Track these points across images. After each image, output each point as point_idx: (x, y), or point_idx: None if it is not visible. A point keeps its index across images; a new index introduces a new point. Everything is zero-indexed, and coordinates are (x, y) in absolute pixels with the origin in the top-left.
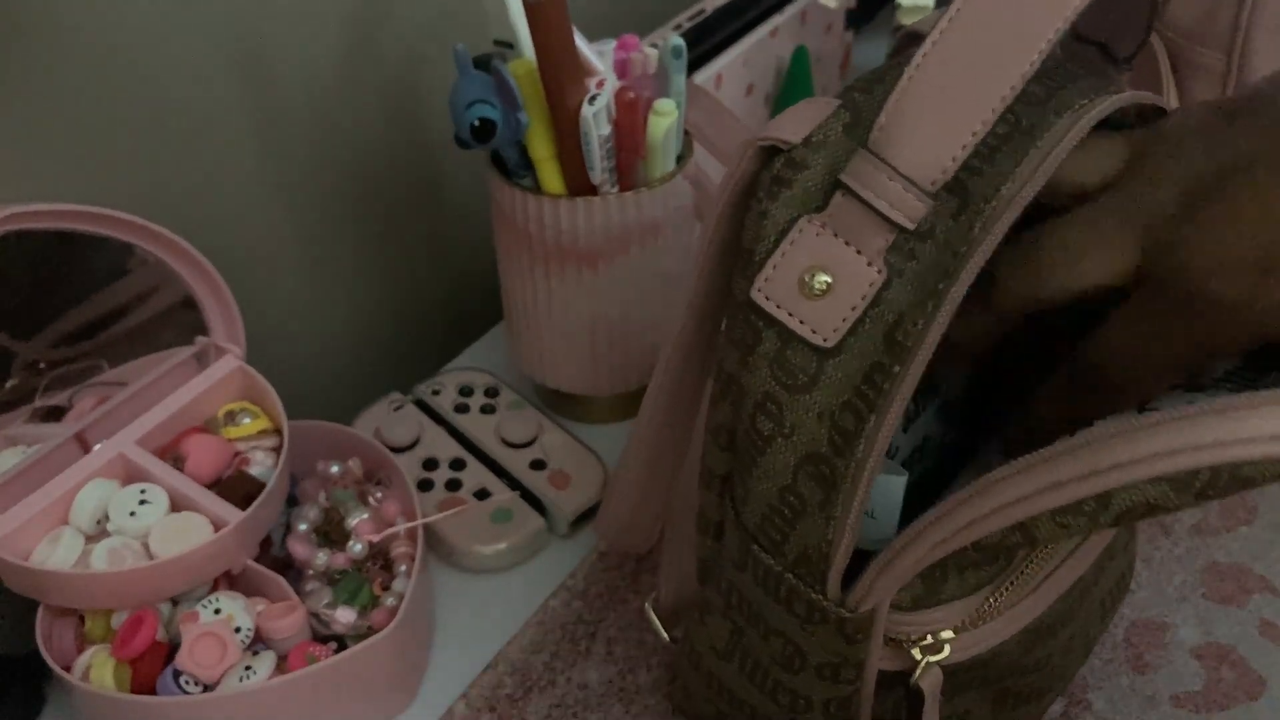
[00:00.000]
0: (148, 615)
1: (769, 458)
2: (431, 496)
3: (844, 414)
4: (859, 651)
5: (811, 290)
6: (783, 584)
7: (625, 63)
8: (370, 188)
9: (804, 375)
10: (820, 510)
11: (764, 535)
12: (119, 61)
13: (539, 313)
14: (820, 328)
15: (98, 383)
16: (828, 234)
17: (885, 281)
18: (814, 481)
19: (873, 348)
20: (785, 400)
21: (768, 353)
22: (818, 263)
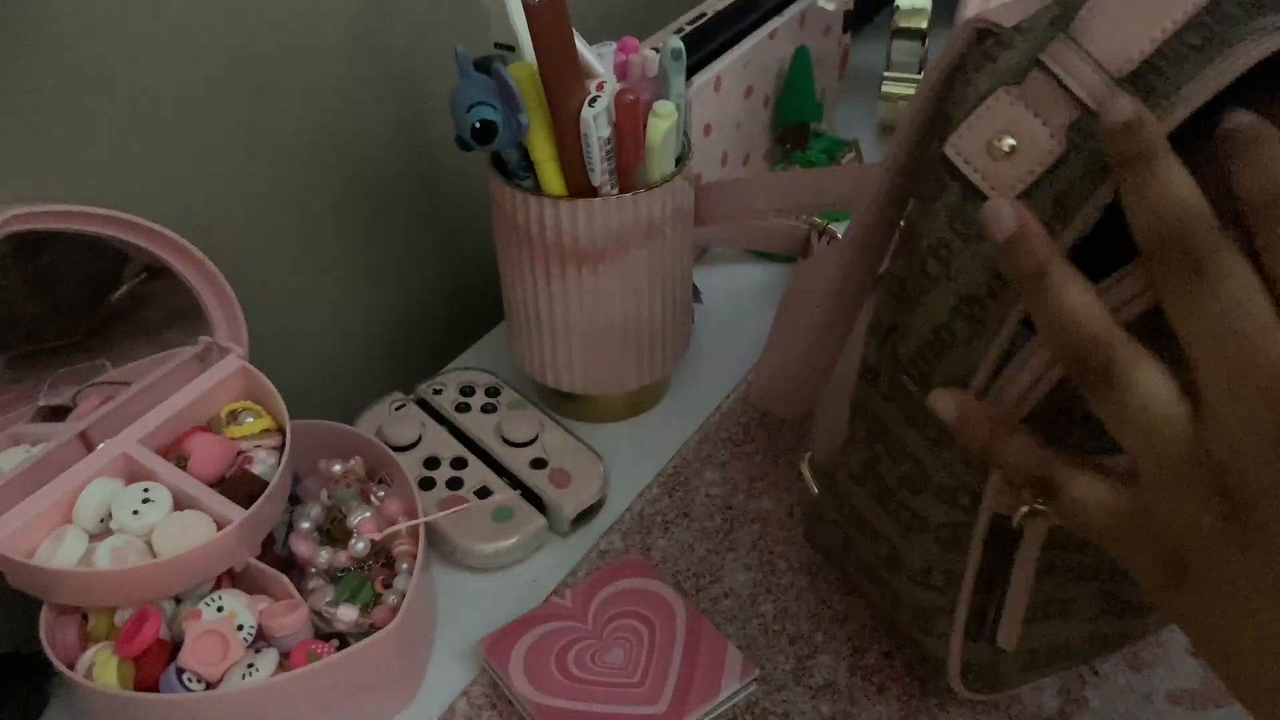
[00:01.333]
0: (151, 613)
1: (931, 297)
2: (433, 495)
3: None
4: (976, 478)
5: (998, 152)
6: (919, 406)
7: (625, 65)
8: (372, 188)
9: (977, 226)
10: (967, 344)
11: (914, 367)
12: (121, 63)
13: (539, 313)
14: (999, 185)
15: (101, 382)
16: (1020, 104)
17: (1063, 154)
18: (965, 320)
19: (1041, 209)
20: (956, 247)
21: (949, 203)
22: (1007, 128)
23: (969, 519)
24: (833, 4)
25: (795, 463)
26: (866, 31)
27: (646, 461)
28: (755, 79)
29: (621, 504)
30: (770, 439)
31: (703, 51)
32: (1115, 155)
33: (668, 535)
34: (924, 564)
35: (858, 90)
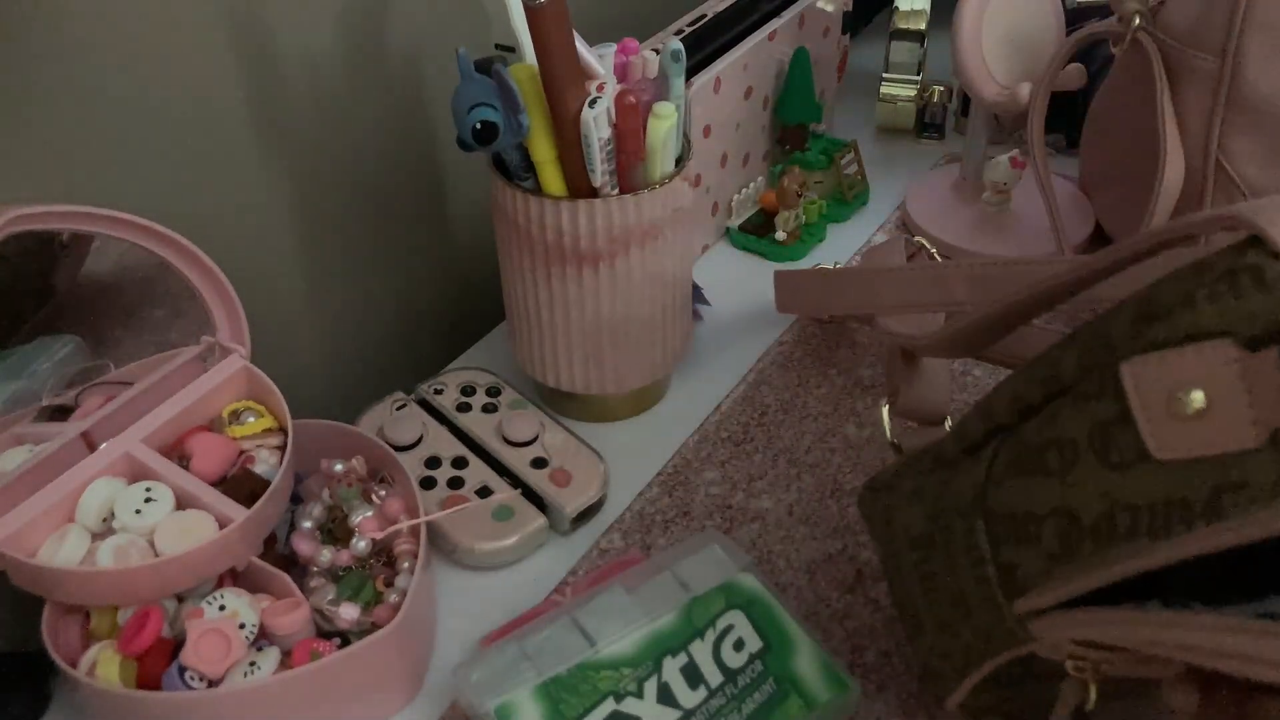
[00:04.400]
0: (153, 612)
1: (1038, 484)
2: (434, 494)
3: (1124, 513)
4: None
5: (1180, 406)
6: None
7: (625, 66)
8: (373, 189)
9: (1116, 456)
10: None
11: (990, 529)
12: (122, 63)
13: (540, 313)
14: (1165, 442)
15: (104, 382)
16: (1236, 373)
17: (1254, 451)
18: (1058, 536)
19: (1192, 489)
20: (1086, 460)
21: (1099, 415)
22: (1205, 386)
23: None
24: (832, 5)
25: (794, 462)
26: (865, 33)
27: (646, 461)
28: (755, 80)
29: (621, 503)
30: (770, 439)
31: (702, 53)
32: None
33: (668, 534)
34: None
35: (857, 91)
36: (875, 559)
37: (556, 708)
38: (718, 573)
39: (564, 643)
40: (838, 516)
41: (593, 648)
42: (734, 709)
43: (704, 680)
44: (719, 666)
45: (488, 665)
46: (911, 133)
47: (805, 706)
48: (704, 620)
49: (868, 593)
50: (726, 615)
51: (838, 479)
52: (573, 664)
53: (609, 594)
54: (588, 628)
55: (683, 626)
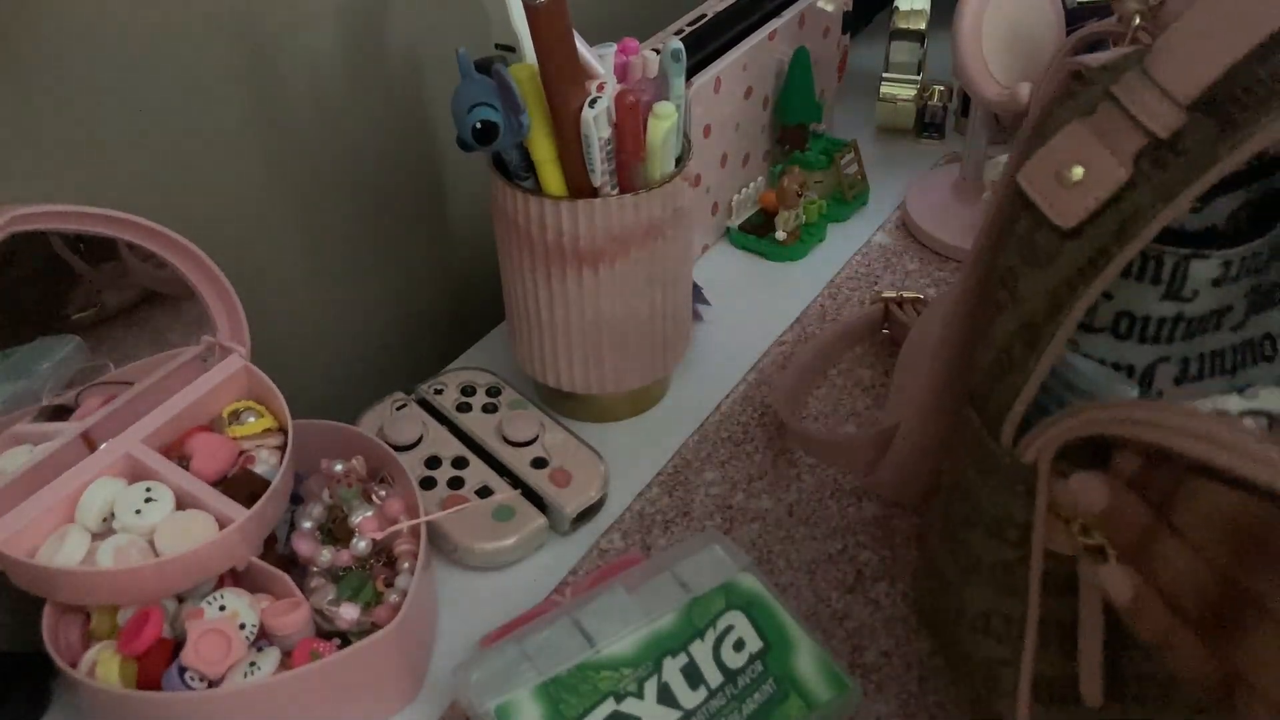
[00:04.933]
0: (153, 612)
1: (998, 325)
2: (434, 494)
3: (1064, 288)
4: (1021, 509)
5: (1067, 181)
6: (974, 435)
7: (625, 66)
8: (373, 189)
9: (1043, 253)
10: (1019, 367)
11: (978, 396)
12: (123, 63)
13: (540, 313)
14: (1065, 213)
15: (104, 382)
16: (1090, 134)
17: (1129, 181)
18: (1023, 344)
19: (1104, 235)
20: (1023, 273)
21: (1020, 232)
22: (1076, 157)
23: (1020, 555)
24: (832, 5)
25: (794, 462)
26: (865, 33)
27: (646, 461)
28: (755, 80)
29: (621, 503)
30: (770, 439)
31: (703, 53)
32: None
33: (668, 534)
34: (983, 609)
35: (857, 91)
36: (875, 559)
37: (556, 708)
38: (718, 573)
39: (564, 643)
40: (838, 516)
41: (593, 648)
42: (734, 709)
43: (704, 680)
44: (719, 667)
45: (488, 665)
46: (911, 133)
47: (805, 706)
48: (704, 620)
49: (868, 593)
50: (726, 615)
51: (838, 479)
52: (573, 664)
53: (609, 594)
54: (588, 628)
55: (683, 627)
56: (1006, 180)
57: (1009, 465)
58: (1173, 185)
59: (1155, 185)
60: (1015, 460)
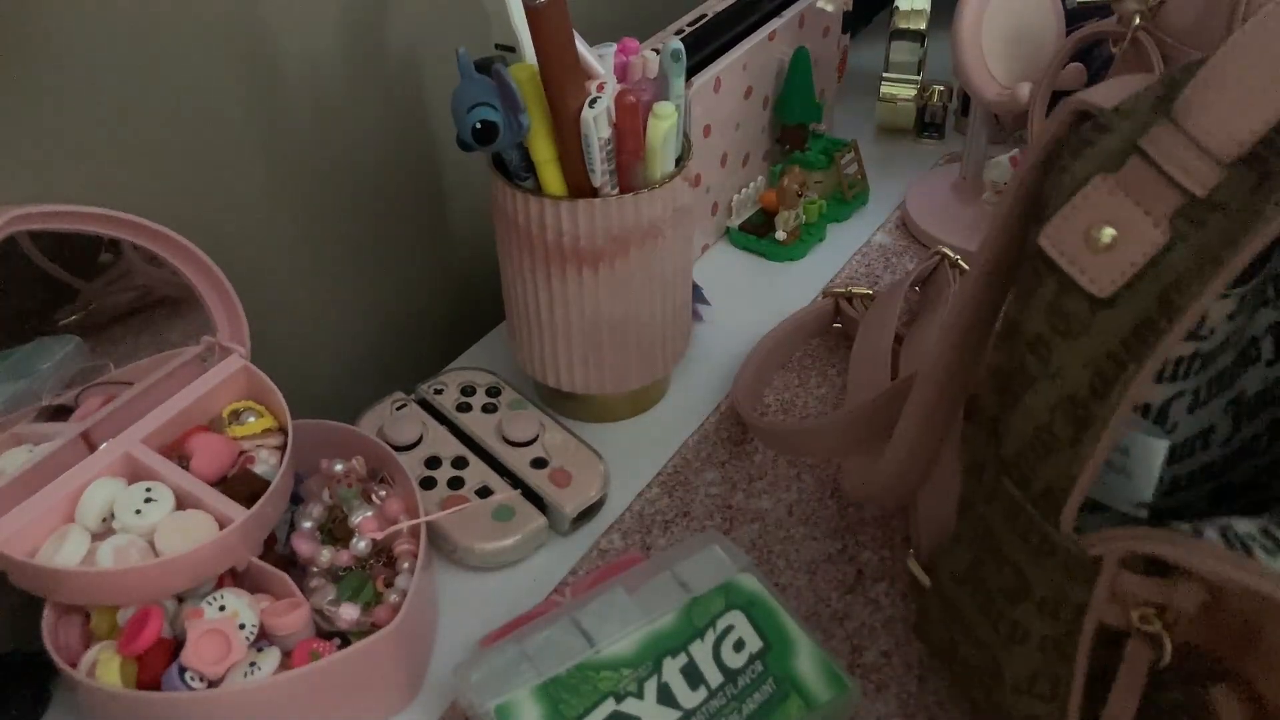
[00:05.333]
0: (153, 612)
1: (1031, 396)
2: (434, 494)
3: (1107, 362)
4: (1080, 593)
5: (1096, 244)
6: (1022, 514)
7: (625, 66)
8: (373, 189)
9: (1076, 322)
10: (1070, 447)
11: (1016, 470)
12: (124, 64)
13: (540, 313)
14: (1098, 279)
15: (103, 382)
16: (1119, 193)
17: (1168, 244)
18: (1068, 422)
19: (1145, 304)
20: (1055, 344)
21: (1045, 297)
22: (1105, 218)
23: (1073, 629)
24: (831, 5)
25: (794, 462)
26: (865, 33)
27: (646, 461)
28: (755, 80)
29: (621, 503)
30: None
31: (703, 53)
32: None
33: (668, 535)
34: (1028, 673)
35: (857, 91)
36: (875, 559)
37: (556, 708)
38: (718, 573)
39: (564, 643)
40: (838, 517)
41: (593, 648)
42: (734, 709)
43: (704, 680)
44: (719, 667)
45: (488, 665)
46: (911, 133)
47: (805, 707)
48: (704, 620)
49: (868, 593)
50: (726, 615)
51: (838, 479)
52: (573, 664)
53: (609, 594)
54: (588, 628)
55: (683, 627)
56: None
57: (1070, 554)
58: (1215, 244)
59: (1195, 245)
60: (1080, 552)
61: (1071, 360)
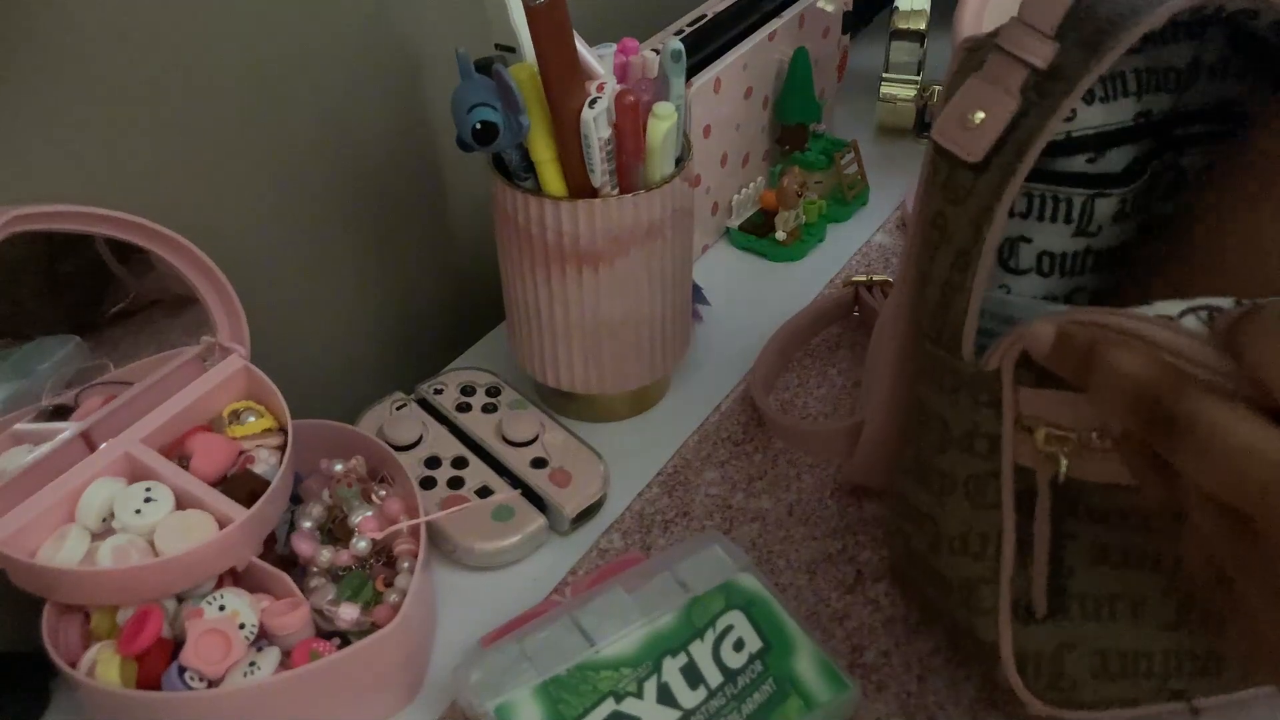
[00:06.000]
0: (153, 612)
1: (936, 263)
2: (434, 494)
3: (983, 213)
4: (990, 420)
5: (970, 124)
6: (937, 363)
7: (625, 66)
8: (373, 189)
9: (961, 190)
10: (959, 291)
11: (931, 329)
12: (124, 64)
13: (540, 313)
14: (974, 150)
15: (103, 382)
16: (984, 83)
17: (1021, 109)
18: (959, 271)
19: (1008, 159)
20: (949, 213)
21: (940, 180)
22: (976, 104)
23: (991, 468)
24: (831, 5)
25: (794, 462)
26: (865, 33)
27: (646, 461)
28: (755, 80)
29: (621, 503)
30: (770, 439)
31: (703, 53)
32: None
33: (668, 534)
34: (960, 529)
35: (857, 91)
36: (875, 559)
37: (556, 708)
38: (718, 573)
39: (564, 643)
40: (838, 516)
41: (593, 648)
42: (734, 709)
43: (704, 680)
44: (719, 667)
45: (488, 665)
46: (911, 133)
47: (805, 706)
48: (704, 620)
49: (867, 593)
50: (726, 615)
51: (837, 479)
52: (573, 664)
53: (609, 594)
54: (588, 628)
55: (682, 627)
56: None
57: (973, 376)
58: (1053, 101)
59: (1043, 109)
60: (980, 371)
61: (960, 222)
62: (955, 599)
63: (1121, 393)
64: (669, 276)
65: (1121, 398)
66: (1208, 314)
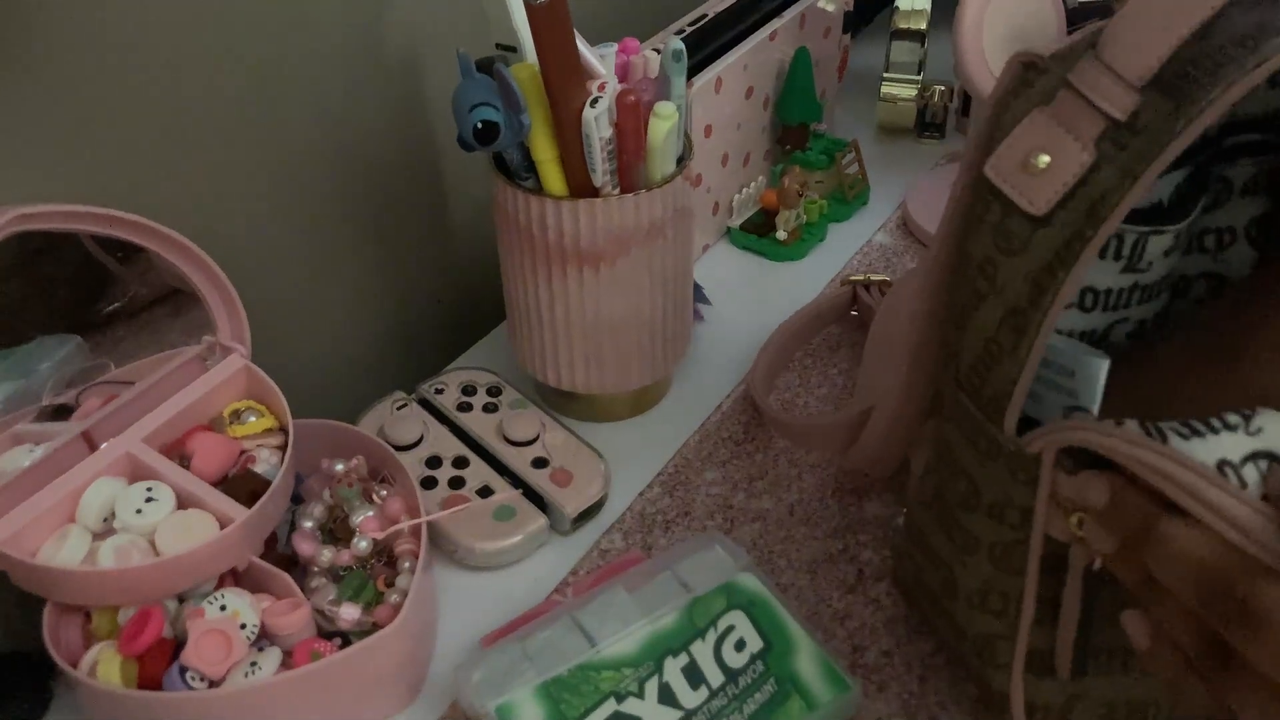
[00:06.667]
0: (154, 612)
1: (981, 313)
2: (435, 494)
3: (1044, 273)
4: (1024, 495)
5: (1033, 169)
6: (973, 422)
7: (626, 66)
8: (374, 189)
9: (1017, 240)
10: (1011, 354)
11: (969, 383)
12: (125, 64)
13: (541, 312)
14: (1036, 200)
15: (104, 381)
16: (1052, 123)
17: (1094, 164)
18: (1010, 330)
19: (1076, 219)
20: (1000, 263)
21: (991, 221)
22: (1041, 145)
23: (1020, 537)
24: (832, 5)
25: (794, 462)
26: (866, 33)
27: (647, 461)
28: (756, 80)
29: (622, 503)
30: (770, 439)
31: (704, 53)
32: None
33: (668, 534)
34: (980, 586)
35: (857, 91)
36: (876, 559)
37: (557, 708)
38: (718, 573)
39: (565, 643)
40: (838, 516)
41: (594, 648)
42: (735, 709)
43: (705, 680)
44: (720, 666)
45: (489, 665)
46: (912, 132)
47: (806, 706)
48: (705, 620)
49: (868, 593)
50: (727, 615)
51: (838, 479)
52: (574, 664)
53: (610, 594)
54: (589, 628)
55: (684, 626)
56: (969, 169)
57: (1013, 454)
58: (1134, 163)
59: (1119, 166)
60: (1020, 451)
61: (1013, 276)
62: (969, 647)
63: (1185, 572)
64: (670, 276)
65: (1184, 577)
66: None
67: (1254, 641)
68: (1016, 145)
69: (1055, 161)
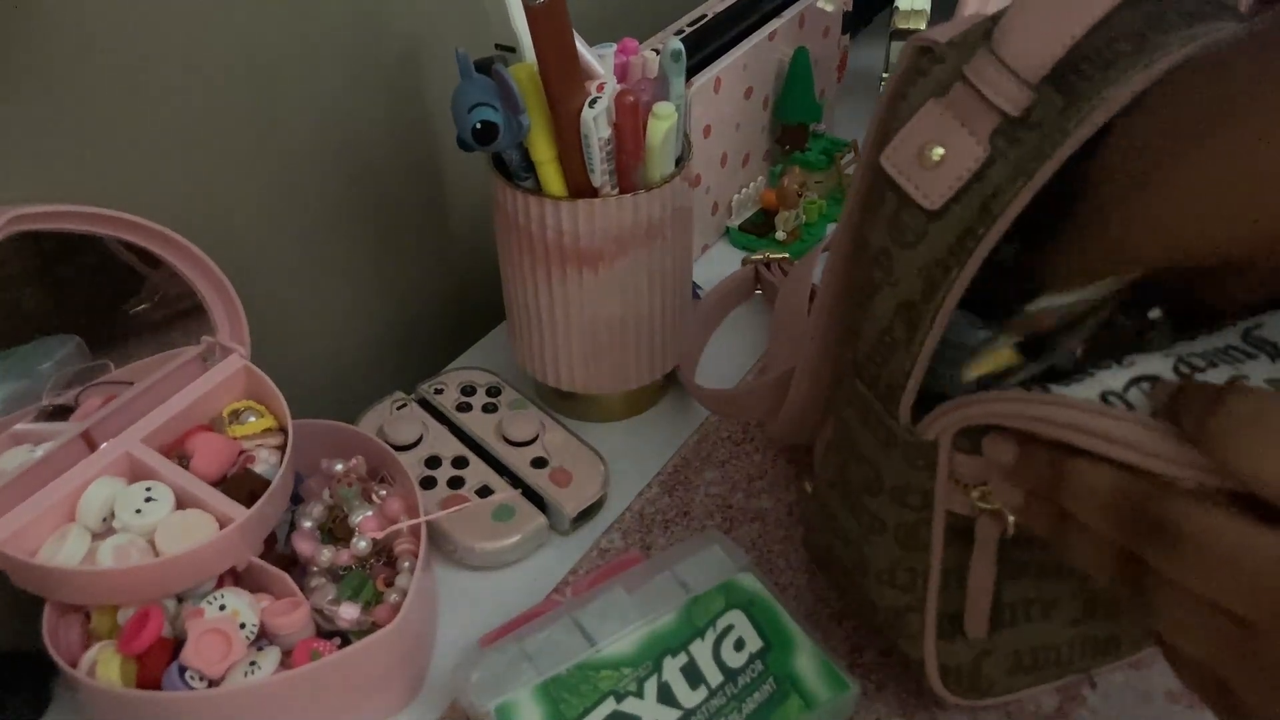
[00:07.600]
0: (153, 611)
1: (876, 303)
2: (434, 494)
3: (936, 268)
4: (923, 479)
5: (928, 161)
6: (872, 412)
7: (625, 66)
8: (373, 189)
9: (912, 233)
10: (905, 346)
11: (866, 371)
12: (125, 64)
13: (540, 313)
14: (930, 194)
15: (104, 382)
16: (948, 115)
17: (988, 159)
18: (904, 324)
19: (968, 214)
20: (895, 254)
21: (886, 213)
22: (936, 138)
23: (924, 517)
24: (831, 5)
25: (794, 461)
26: (865, 33)
27: (646, 461)
28: (755, 80)
29: (622, 503)
30: (769, 438)
31: (703, 53)
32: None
33: (668, 534)
34: (888, 564)
35: (857, 91)
36: None
37: (557, 708)
38: (718, 572)
39: (564, 643)
40: None
41: (593, 647)
42: (734, 709)
43: (704, 680)
44: (719, 666)
45: (488, 665)
46: None
47: (805, 706)
48: (704, 620)
49: None
50: (727, 615)
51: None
52: (573, 664)
53: (609, 594)
54: (588, 628)
55: (683, 626)
56: (868, 156)
57: (910, 442)
58: (1027, 160)
59: (1012, 162)
60: (916, 438)
61: (908, 269)
62: (882, 619)
63: (1099, 507)
64: (669, 276)
65: (1100, 512)
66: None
67: (1174, 556)
68: (912, 137)
69: (950, 155)
